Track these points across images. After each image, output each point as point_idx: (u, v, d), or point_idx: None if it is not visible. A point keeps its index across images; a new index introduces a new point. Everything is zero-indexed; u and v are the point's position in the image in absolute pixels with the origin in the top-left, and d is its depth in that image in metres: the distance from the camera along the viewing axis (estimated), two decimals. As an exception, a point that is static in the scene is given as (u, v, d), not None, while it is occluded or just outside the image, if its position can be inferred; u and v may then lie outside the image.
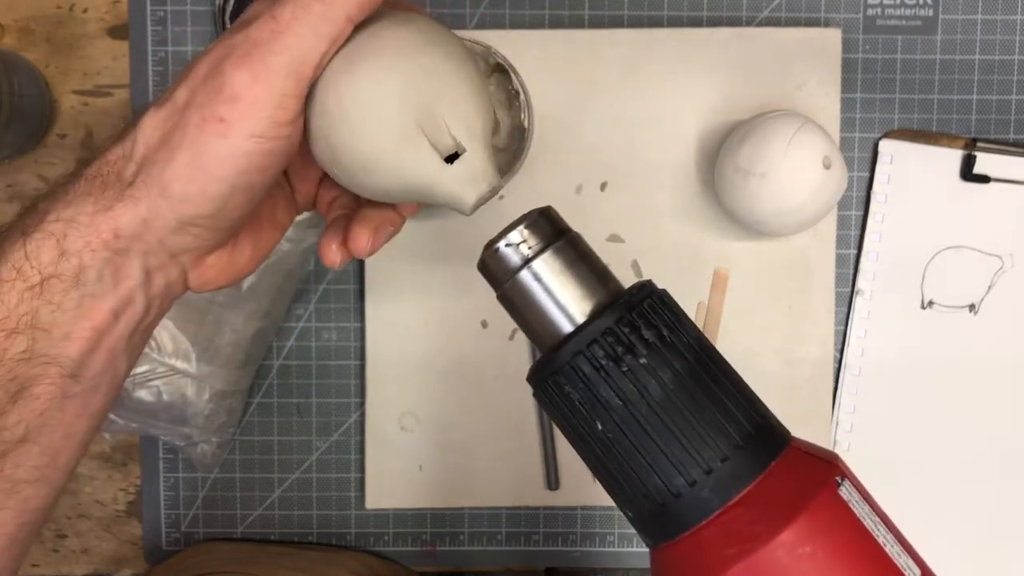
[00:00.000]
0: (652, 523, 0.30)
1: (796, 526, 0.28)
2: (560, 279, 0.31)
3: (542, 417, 0.66)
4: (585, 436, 0.30)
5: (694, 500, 0.29)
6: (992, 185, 0.65)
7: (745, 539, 0.28)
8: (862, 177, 0.66)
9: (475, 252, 0.66)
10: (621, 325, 0.30)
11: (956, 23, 0.66)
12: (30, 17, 0.66)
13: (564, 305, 0.31)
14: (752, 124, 0.60)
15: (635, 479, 0.29)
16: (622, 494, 0.30)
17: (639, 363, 0.29)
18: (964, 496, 0.66)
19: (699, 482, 0.29)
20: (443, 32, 0.37)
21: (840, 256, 0.66)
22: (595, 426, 0.30)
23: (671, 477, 0.29)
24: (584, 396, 0.29)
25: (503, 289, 0.32)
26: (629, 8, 0.66)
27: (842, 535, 0.28)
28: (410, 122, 0.35)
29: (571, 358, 0.29)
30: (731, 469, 0.29)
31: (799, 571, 0.27)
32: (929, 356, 0.66)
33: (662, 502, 0.29)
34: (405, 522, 0.68)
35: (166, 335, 0.60)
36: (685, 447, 0.29)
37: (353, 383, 0.67)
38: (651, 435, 0.29)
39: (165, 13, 0.66)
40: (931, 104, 0.66)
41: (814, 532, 0.28)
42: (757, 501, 0.28)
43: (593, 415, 0.29)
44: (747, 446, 0.29)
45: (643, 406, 0.29)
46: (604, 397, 0.29)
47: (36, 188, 0.66)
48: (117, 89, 0.66)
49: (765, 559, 0.27)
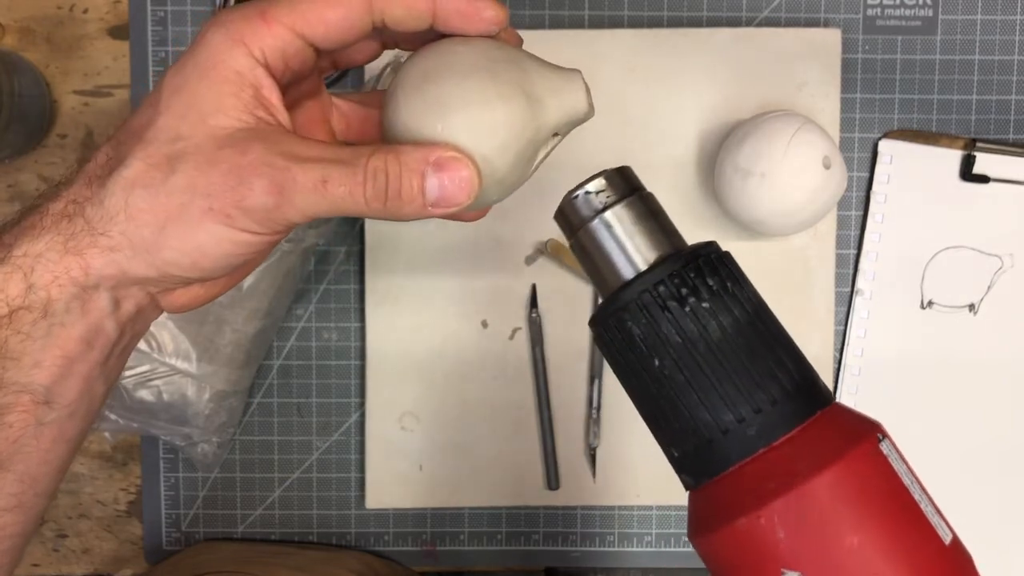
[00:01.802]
0: (696, 460, 0.31)
1: (836, 468, 0.29)
2: (631, 228, 0.33)
3: (542, 417, 0.66)
4: (641, 373, 0.32)
5: (740, 437, 0.30)
6: (992, 185, 0.65)
7: (786, 476, 0.29)
8: (862, 177, 0.66)
9: (475, 253, 0.66)
10: (687, 270, 0.31)
11: (956, 23, 0.66)
12: (31, 17, 0.66)
13: (632, 252, 0.33)
14: (752, 124, 0.60)
15: (685, 415, 0.31)
16: (670, 431, 0.32)
17: (701, 306, 0.31)
18: (964, 495, 0.66)
19: (747, 420, 0.30)
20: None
21: (840, 256, 0.66)
22: (653, 362, 0.31)
23: (721, 413, 0.30)
24: (646, 332, 0.31)
25: (577, 236, 0.34)
26: (629, 8, 0.66)
27: (880, 485, 0.30)
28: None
29: (637, 296, 0.31)
30: (778, 412, 0.30)
31: (835, 512, 0.29)
32: (929, 356, 0.66)
33: (709, 438, 0.31)
34: (405, 522, 0.68)
35: (166, 335, 0.60)
36: (737, 386, 0.30)
37: (353, 383, 0.67)
38: (706, 373, 0.31)
39: (165, 13, 0.66)
40: (931, 104, 0.66)
41: (853, 477, 0.29)
42: (800, 444, 0.30)
43: (652, 352, 0.31)
44: (795, 395, 0.31)
45: (701, 345, 0.31)
46: (665, 334, 0.31)
47: (37, 188, 0.66)
48: (117, 89, 0.66)
49: (804, 496, 0.29)
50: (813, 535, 0.29)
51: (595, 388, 0.66)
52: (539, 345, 0.66)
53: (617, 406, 0.66)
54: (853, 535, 0.29)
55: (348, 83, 0.66)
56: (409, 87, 0.35)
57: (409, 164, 0.34)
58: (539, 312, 0.66)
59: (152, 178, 0.34)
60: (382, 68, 0.60)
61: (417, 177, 0.34)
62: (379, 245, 0.65)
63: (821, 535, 0.29)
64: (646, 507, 0.67)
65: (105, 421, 0.62)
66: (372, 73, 0.63)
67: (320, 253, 0.66)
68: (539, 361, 0.66)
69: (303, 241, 0.61)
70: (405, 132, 0.35)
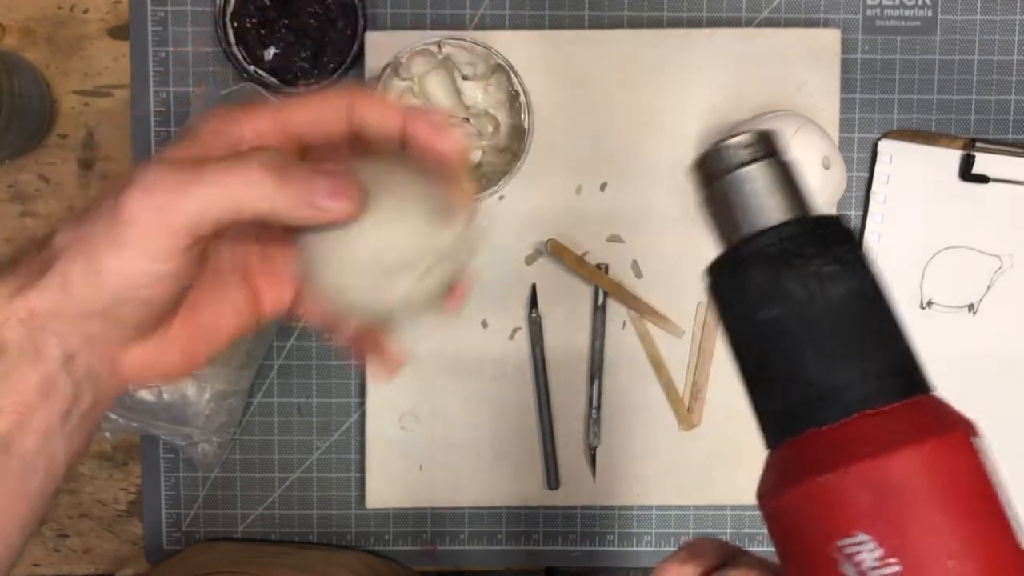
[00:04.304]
0: (790, 416, 0.32)
1: (931, 445, 0.29)
2: (770, 185, 0.34)
3: (542, 417, 0.66)
4: (753, 323, 0.32)
5: (841, 400, 0.31)
6: (991, 185, 0.65)
7: (879, 442, 0.29)
8: (861, 177, 0.66)
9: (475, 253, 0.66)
10: (818, 232, 0.32)
11: (955, 24, 0.66)
12: (31, 18, 0.66)
13: (768, 207, 0.33)
14: (752, 124, 0.60)
15: (789, 370, 0.31)
16: (768, 385, 0.32)
17: (825, 269, 0.32)
18: (963, 495, 0.66)
19: (850, 384, 0.31)
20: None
21: (839, 256, 0.66)
22: (769, 312, 0.32)
23: (825, 374, 0.31)
24: (768, 281, 0.32)
25: (715, 185, 0.34)
26: (629, 8, 0.66)
27: (969, 474, 0.30)
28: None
29: (766, 246, 0.32)
30: (881, 384, 0.31)
31: (921, 487, 0.29)
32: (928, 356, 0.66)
33: (808, 396, 0.31)
34: (405, 522, 0.68)
35: (167, 335, 0.60)
36: (847, 351, 0.31)
37: (353, 383, 0.67)
38: (820, 332, 0.31)
39: (166, 13, 0.66)
40: (930, 104, 0.66)
41: (945, 458, 0.30)
42: (898, 417, 0.30)
43: (770, 301, 0.32)
44: (900, 373, 0.32)
45: (820, 303, 0.31)
46: (786, 286, 0.31)
47: (37, 188, 0.66)
48: (118, 89, 0.66)
49: (895, 464, 0.29)
50: (894, 504, 0.29)
51: (595, 388, 0.66)
52: (539, 345, 0.66)
53: (617, 406, 0.66)
54: (934, 513, 0.29)
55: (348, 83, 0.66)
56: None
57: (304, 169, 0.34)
58: (539, 312, 0.66)
59: (81, 217, 0.35)
60: (382, 68, 0.60)
61: (311, 170, 0.34)
62: (379, 245, 0.65)
63: (901, 505, 0.29)
64: (646, 507, 0.67)
65: (106, 421, 0.62)
66: (372, 72, 0.63)
67: (320, 253, 0.66)
68: (539, 361, 0.66)
69: (303, 241, 0.61)
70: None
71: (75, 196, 0.67)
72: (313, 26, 0.65)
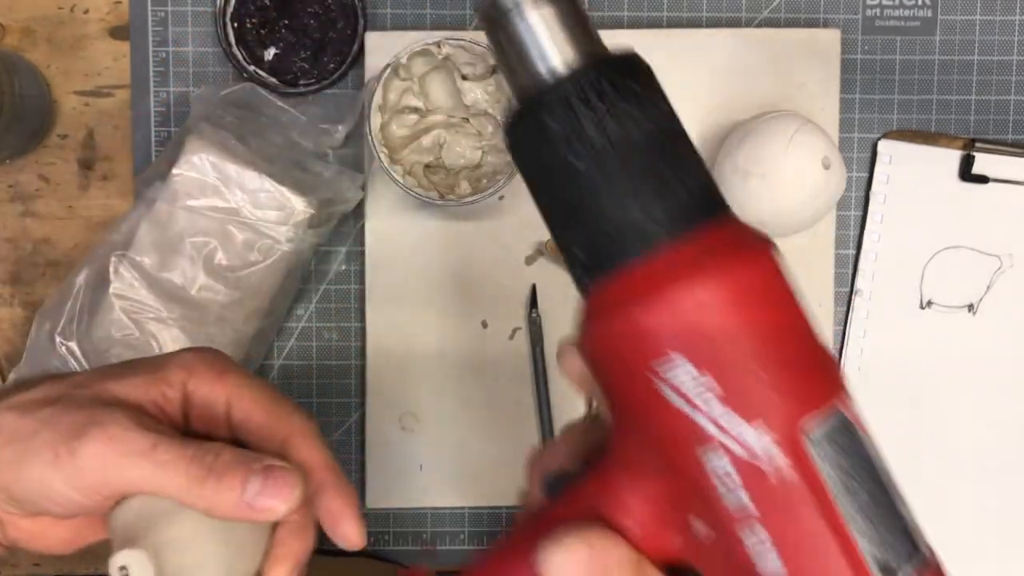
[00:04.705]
0: (599, 257, 0.32)
1: (733, 263, 0.31)
2: (554, 26, 0.32)
3: (542, 417, 0.66)
4: (554, 172, 0.32)
5: (644, 233, 0.31)
6: (991, 185, 0.65)
7: (685, 267, 0.30)
8: (861, 177, 0.66)
9: (475, 253, 0.66)
10: (612, 70, 0.32)
11: (955, 24, 0.66)
12: (31, 18, 0.66)
13: (554, 51, 0.32)
14: (752, 124, 0.60)
15: (595, 212, 0.32)
16: (575, 232, 0.33)
17: (621, 107, 0.31)
18: (964, 495, 0.66)
19: (652, 217, 0.31)
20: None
21: (839, 256, 0.66)
22: (567, 158, 0.31)
23: (630, 210, 0.31)
24: (564, 127, 0.31)
25: (496, 30, 0.33)
26: (629, 8, 0.66)
27: (770, 286, 0.32)
28: None
29: (560, 91, 0.31)
30: (682, 213, 0.32)
31: (728, 305, 0.30)
32: (928, 356, 0.66)
33: (615, 233, 0.32)
34: (405, 522, 0.68)
35: (167, 335, 0.60)
36: (647, 186, 0.31)
37: (353, 383, 0.67)
38: (619, 169, 0.31)
39: (166, 14, 0.66)
40: (930, 104, 0.66)
41: (746, 274, 0.31)
42: (699, 242, 0.31)
43: (568, 147, 0.31)
44: (698, 201, 0.32)
45: (619, 141, 0.31)
46: (585, 129, 0.31)
47: (37, 188, 0.66)
48: (118, 89, 0.66)
49: (700, 286, 0.30)
50: (704, 322, 0.30)
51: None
52: (539, 345, 0.66)
53: (617, 406, 0.66)
54: (742, 326, 0.30)
55: (348, 83, 0.66)
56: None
57: (242, 453, 0.35)
58: (539, 312, 0.66)
59: (29, 407, 0.36)
60: (382, 68, 0.60)
61: (243, 469, 0.35)
62: (379, 245, 0.66)
63: (710, 323, 0.30)
64: (646, 507, 0.67)
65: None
66: (372, 72, 0.63)
67: (320, 253, 0.66)
68: (539, 361, 0.66)
69: (303, 241, 0.61)
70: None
71: (75, 196, 0.67)
72: (313, 26, 0.65)
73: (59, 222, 0.67)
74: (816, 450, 0.30)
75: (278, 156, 0.62)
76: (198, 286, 0.60)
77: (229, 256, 0.60)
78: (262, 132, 0.62)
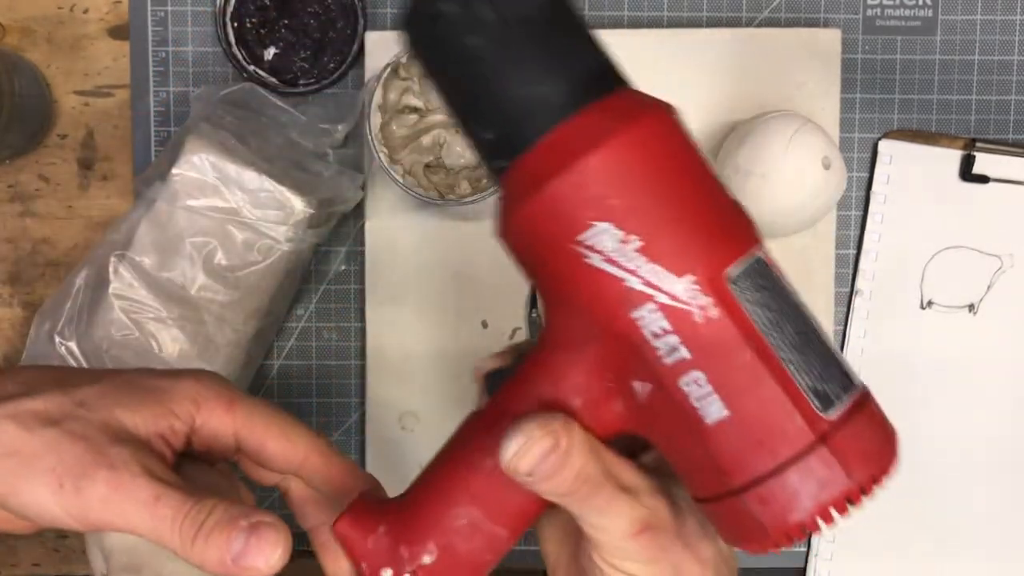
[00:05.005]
0: (509, 138, 0.32)
1: (637, 128, 0.31)
2: None
3: (542, 417, 0.66)
4: (453, 60, 0.32)
5: (548, 109, 0.32)
6: (991, 185, 0.65)
7: (593, 136, 0.31)
8: (861, 177, 0.66)
9: (475, 253, 0.66)
10: None
11: (955, 24, 0.66)
12: (31, 17, 0.66)
13: None
14: (752, 124, 0.60)
15: (498, 94, 0.32)
16: (482, 116, 0.33)
17: None
18: (964, 495, 0.66)
19: (555, 93, 0.32)
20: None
21: (839, 256, 0.66)
22: (465, 42, 0.32)
23: (532, 88, 0.32)
24: (458, 13, 0.32)
25: None
26: (629, 8, 0.66)
27: (676, 147, 0.32)
28: None
29: None
30: (584, 86, 0.32)
31: (638, 168, 0.31)
32: (929, 356, 0.66)
33: (521, 112, 0.32)
34: (405, 522, 0.68)
35: (167, 335, 0.60)
36: (545, 63, 0.32)
37: (353, 383, 0.67)
38: (515, 49, 0.32)
39: (166, 13, 0.66)
40: (930, 104, 0.66)
41: (652, 137, 0.32)
42: (603, 112, 0.32)
43: (466, 30, 0.32)
44: (597, 73, 0.33)
45: (513, 21, 0.32)
46: (477, 13, 0.32)
47: (37, 188, 0.66)
48: (118, 89, 0.66)
49: (610, 152, 0.31)
50: (619, 187, 0.31)
51: (595, 388, 0.65)
52: (539, 345, 0.66)
53: (617, 406, 0.66)
54: (656, 186, 0.31)
55: (348, 83, 0.66)
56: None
57: (232, 511, 0.36)
58: (539, 312, 0.66)
59: (31, 422, 0.36)
60: (382, 68, 0.60)
61: (229, 527, 0.35)
62: (379, 245, 0.65)
63: (625, 187, 0.31)
64: (646, 507, 0.67)
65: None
66: (372, 72, 0.63)
67: (320, 253, 0.66)
68: (539, 361, 0.66)
69: (303, 241, 0.61)
70: None
71: (75, 196, 0.67)
72: (313, 26, 0.65)
73: (59, 222, 0.67)
74: (740, 292, 0.31)
75: (278, 156, 0.62)
76: (198, 286, 0.60)
77: (229, 256, 0.60)
78: (262, 132, 0.62)
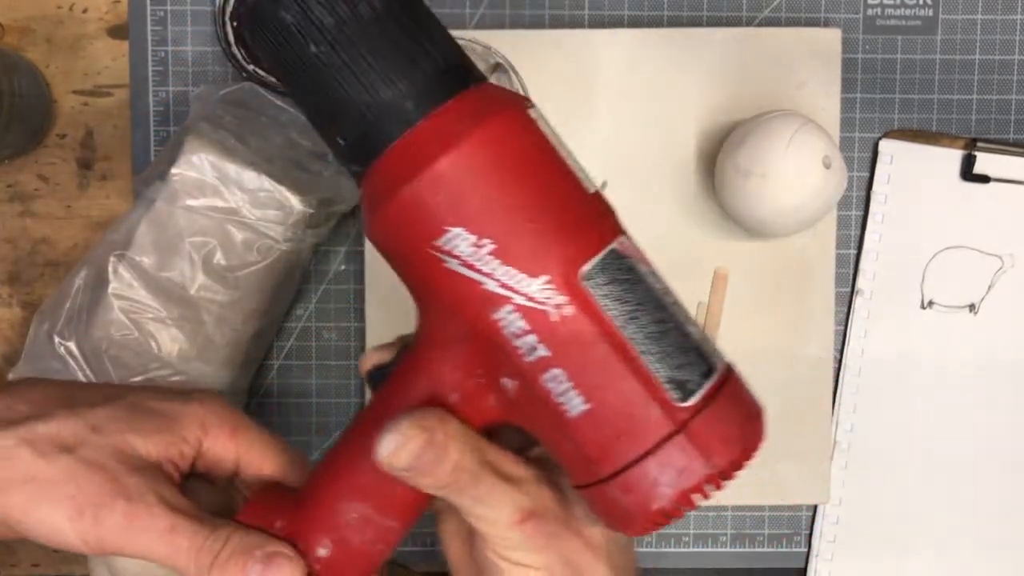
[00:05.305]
0: (362, 143, 0.32)
1: (489, 129, 0.31)
2: None
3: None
4: (300, 67, 0.32)
5: (400, 112, 0.32)
6: (992, 185, 0.65)
7: (442, 141, 0.31)
8: (862, 177, 0.66)
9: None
10: None
11: (956, 23, 0.66)
12: (30, 17, 0.66)
13: None
14: (752, 124, 0.60)
15: (346, 99, 0.32)
16: (334, 122, 0.33)
17: None
18: (964, 495, 0.66)
19: (404, 94, 0.32)
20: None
21: (840, 256, 0.66)
22: (309, 49, 0.32)
23: (379, 91, 0.32)
24: (299, 19, 0.32)
25: None
26: (629, 8, 0.66)
27: (530, 144, 0.32)
28: None
29: None
30: (433, 86, 0.32)
31: (491, 170, 0.31)
32: (929, 356, 0.66)
33: (370, 118, 0.32)
34: (405, 522, 0.68)
35: (166, 335, 0.60)
36: (392, 63, 0.32)
37: (353, 383, 0.67)
38: (360, 52, 0.31)
39: (165, 13, 0.66)
40: (931, 104, 0.66)
41: (504, 136, 0.32)
42: (456, 112, 0.32)
43: (308, 37, 0.32)
44: (448, 71, 0.32)
45: (354, 25, 0.31)
46: (318, 17, 0.31)
47: (36, 188, 0.66)
48: (117, 89, 0.66)
49: (459, 157, 0.31)
50: (469, 192, 0.31)
51: (595, 388, 0.65)
52: (539, 345, 0.66)
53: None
54: (508, 187, 0.31)
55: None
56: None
57: (246, 541, 0.36)
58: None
59: (46, 448, 0.36)
60: None
61: (244, 558, 0.36)
62: (379, 245, 0.65)
63: (475, 191, 0.31)
64: (646, 507, 0.67)
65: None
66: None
67: (320, 253, 0.66)
68: (539, 361, 0.66)
69: (303, 241, 0.61)
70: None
71: (74, 196, 0.67)
72: (313, 26, 0.65)
73: (58, 222, 0.67)
74: (596, 288, 0.31)
75: (277, 156, 0.61)
76: (197, 286, 0.60)
77: (228, 256, 0.60)
78: (261, 132, 0.62)
